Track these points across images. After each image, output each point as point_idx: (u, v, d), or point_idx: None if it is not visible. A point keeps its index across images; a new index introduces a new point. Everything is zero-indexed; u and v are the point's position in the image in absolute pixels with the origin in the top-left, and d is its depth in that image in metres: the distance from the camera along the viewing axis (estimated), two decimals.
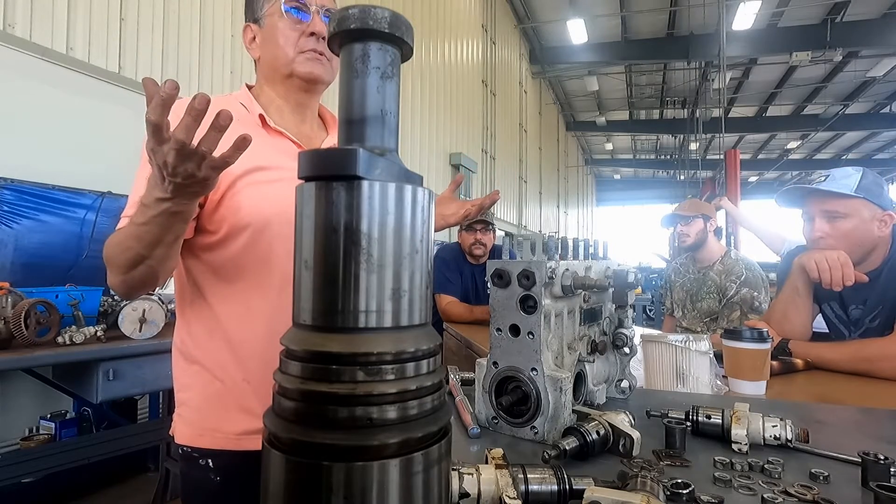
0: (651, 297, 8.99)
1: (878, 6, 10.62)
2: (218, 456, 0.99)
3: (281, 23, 1.02)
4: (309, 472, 0.36)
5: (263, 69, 1.09)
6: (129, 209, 0.93)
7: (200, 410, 1.01)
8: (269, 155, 0.99)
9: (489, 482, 0.55)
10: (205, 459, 1.00)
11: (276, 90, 1.08)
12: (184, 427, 1.02)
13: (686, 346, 1.12)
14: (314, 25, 1.02)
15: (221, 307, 0.99)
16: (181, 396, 1.04)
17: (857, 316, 1.54)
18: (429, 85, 7.95)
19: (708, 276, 2.55)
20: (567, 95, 18.29)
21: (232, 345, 0.99)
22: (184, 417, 1.02)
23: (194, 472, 1.00)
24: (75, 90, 3.09)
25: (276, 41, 1.02)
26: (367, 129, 0.42)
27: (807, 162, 22.90)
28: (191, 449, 1.01)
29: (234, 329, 0.99)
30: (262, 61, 1.08)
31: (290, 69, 1.03)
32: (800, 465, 0.67)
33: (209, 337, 1.00)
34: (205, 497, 1.02)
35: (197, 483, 1.01)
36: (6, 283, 2.20)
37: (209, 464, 0.99)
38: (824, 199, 1.49)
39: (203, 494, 1.02)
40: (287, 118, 1.08)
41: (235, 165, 0.81)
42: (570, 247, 0.88)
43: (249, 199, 0.95)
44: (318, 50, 1.03)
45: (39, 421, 2.76)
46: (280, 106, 1.08)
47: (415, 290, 0.41)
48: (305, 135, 1.10)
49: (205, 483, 1.00)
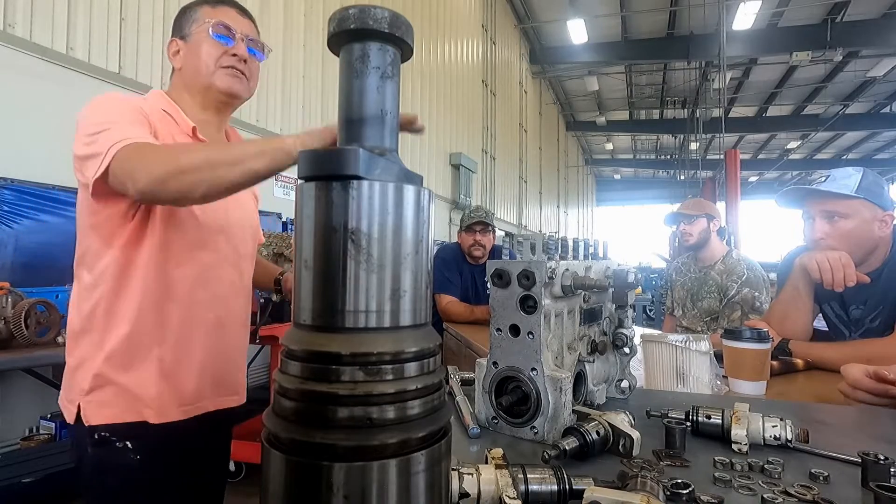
0: (651, 297, 8.99)
1: (878, 6, 10.62)
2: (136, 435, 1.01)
3: (206, 42, 1.12)
4: (309, 472, 0.36)
5: (185, 79, 1.17)
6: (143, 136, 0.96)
7: (119, 388, 1.02)
8: None
9: (489, 482, 0.55)
10: (122, 441, 1.01)
11: (195, 99, 1.17)
12: (99, 408, 1.02)
13: (686, 346, 1.12)
14: (237, 49, 1.14)
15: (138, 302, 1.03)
16: (95, 381, 1.03)
17: (857, 316, 1.54)
18: (429, 85, 7.96)
19: (709, 276, 2.55)
20: (567, 95, 18.30)
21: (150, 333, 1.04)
22: (98, 399, 1.02)
23: (111, 455, 1.01)
24: (75, 90, 3.09)
25: (199, 55, 1.13)
26: (367, 129, 0.42)
27: (807, 162, 22.91)
28: (109, 430, 1.01)
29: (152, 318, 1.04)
30: (184, 72, 1.16)
31: (209, 81, 1.13)
32: (800, 466, 0.67)
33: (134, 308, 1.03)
34: (123, 477, 1.02)
35: (113, 466, 1.01)
36: (6, 283, 2.20)
37: (127, 445, 1.01)
38: (825, 200, 1.49)
39: (120, 475, 1.02)
40: (206, 125, 1.17)
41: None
42: (570, 247, 0.88)
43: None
44: (237, 67, 1.14)
45: (39, 421, 2.76)
46: (196, 113, 1.16)
47: (414, 290, 0.41)
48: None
49: (123, 464, 1.00)
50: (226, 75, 1.13)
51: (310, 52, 5.22)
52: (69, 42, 3.05)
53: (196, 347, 1.10)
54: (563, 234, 19.22)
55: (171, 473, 1.07)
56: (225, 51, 1.13)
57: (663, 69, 15.27)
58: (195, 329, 1.10)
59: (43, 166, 2.85)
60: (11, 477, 2.24)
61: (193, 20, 1.15)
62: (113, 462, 1.02)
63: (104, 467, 1.03)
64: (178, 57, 1.16)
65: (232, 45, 1.14)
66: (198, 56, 1.12)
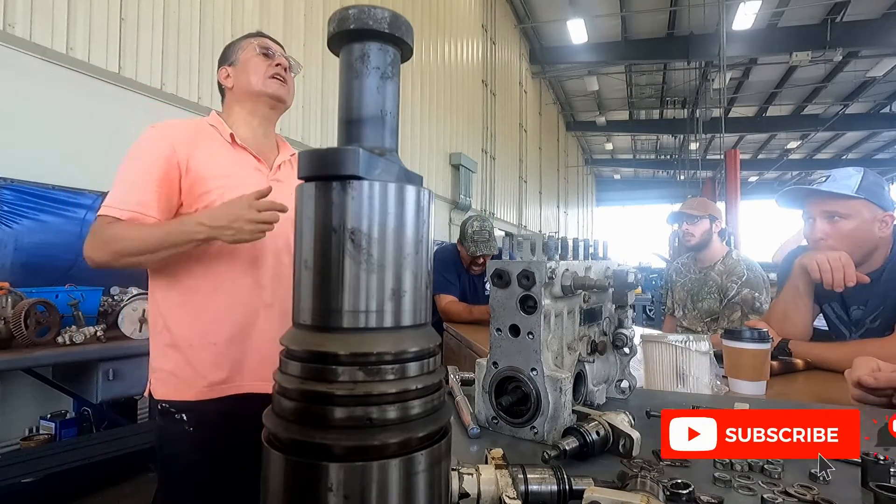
0: (651, 297, 8.98)
1: (878, 6, 10.61)
2: (191, 409, 1.24)
3: (254, 59, 1.37)
4: (309, 471, 0.36)
5: (236, 94, 1.39)
6: (129, 203, 1.19)
7: (175, 371, 1.25)
8: (234, 166, 1.31)
9: (489, 482, 0.55)
10: (180, 414, 1.24)
11: (245, 108, 1.39)
12: (160, 385, 1.26)
13: (686, 346, 1.12)
14: (278, 60, 1.39)
15: (191, 282, 1.26)
16: (156, 364, 1.27)
17: (857, 316, 1.53)
18: (429, 85, 7.95)
19: (709, 276, 2.55)
20: (567, 95, 18.29)
21: (199, 313, 1.25)
22: (160, 378, 1.26)
23: (171, 426, 1.24)
24: (76, 90, 3.09)
25: (249, 70, 1.36)
26: (367, 130, 0.42)
27: (807, 162, 22.89)
28: (168, 403, 1.24)
29: (202, 300, 1.26)
30: (236, 88, 1.39)
31: (260, 89, 1.36)
32: (800, 466, 0.67)
33: (179, 310, 1.26)
34: (180, 445, 1.25)
35: (173, 434, 1.24)
36: (6, 283, 2.20)
37: (183, 417, 1.24)
38: (825, 200, 1.49)
39: (179, 443, 1.24)
40: (254, 131, 1.39)
41: (205, 170, 1.25)
42: (569, 247, 0.88)
43: (219, 199, 1.23)
44: (281, 75, 1.38)
45: (39, 421, 2.76)
46: (249, 121, 1.39)
47: (414, 290, 0.41)
48: (264, 151, 1.40)
49: (181, 434, 1.23)
50: (273, 82, 1.36)
51: (310, 52, 5.21)
52: (69, 42, 3.04)
53: (222, 334, 1.27)
54: (563, 234, 19.20)
55: (215, 444, 1.27)
56: (269, 63, 1.37)
57: (663, 69, 15.26)
58: (224, 318, 1.27)
59: (43, 166, 2.85)
60: (11, 477, 2.24)
61: (239, 48, 1.40)
62: (172, 430, 1.26)
63: (164, 433, 1.29)
64: (230, 79, 1.39)
65: (275, 59, 1.38)
66: (247, 71, 1.36)
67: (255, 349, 1.29)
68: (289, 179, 1.42)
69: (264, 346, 1.30)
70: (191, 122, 1.34)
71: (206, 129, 1.33)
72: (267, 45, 1.39)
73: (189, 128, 1.30)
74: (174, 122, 1.31)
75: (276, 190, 1.34)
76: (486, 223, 2.93)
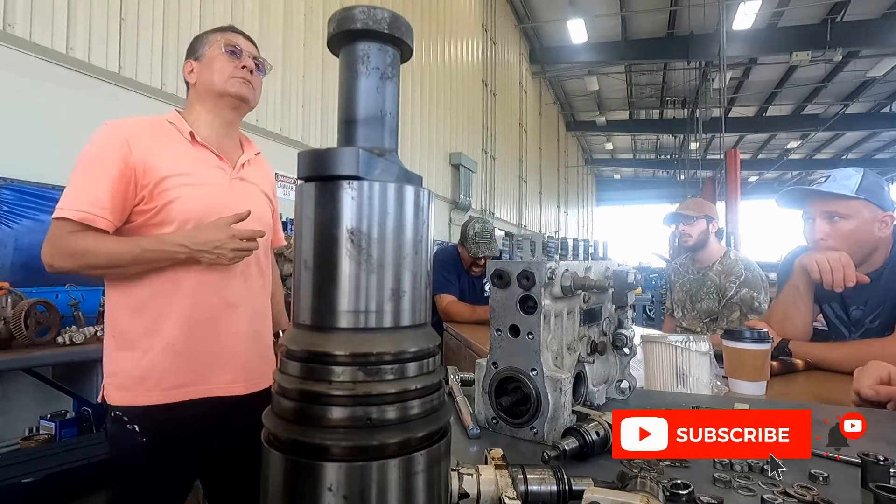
0: (651, 297, 8.98)
1: (878, 6, 10.61)
2: (146, 415, 1.18)
3: (219, 57, 1.31)
4: (308, 472, 0.36)
5: (199, 91, 1.34)
6: (81, 203, 1.15)
7: (131, 376, 1.19)
8: (194, 165, 1.26)
9: (489, 482, 0.55)
10: (132, 424, 1.18)
11: (206, 107, 1.34)
12: (114, 391, 1.20)
13: (686, 347, 1.11)
14: (245, 62, 1.34)
15: (149, 280, 1.21)
16: (112, 368, 1.22)
17: (857, 316, 1.53)
18: (429, 85, 7.95)
19: (707, 277, 2.55)
20: (567, 95, 18.29)
21: (157, 313, 1.21)
22: (115, 383, 1.21)
23: (122, 435, 1.19)
24: (75, 90, 3.09)
25: (213, 69, 1.31)
26: (367, 130, 0.42)
27: (807, 162, 22.90)
28: (122, 411, 1.18)
29: (161, 299, 1.21)
30: (199, 85, 1.34)
31: (223, 88, 1.31)
32: (799, 466, 0.67)
33: (137, 309, 1.21)
34: (132, 457, 1.20)
35: (125, 445, 1.19)
36: (6, 283, 2.20)
37: (136, 428, 1.18)
38: (825, 200, 1.49)
39: (131, 454, 1.20)
40: (215, 131, 1.34)
41: (163, 169, 1.20)
42: (569, 247, 0.88)
43: (178, 198, 1.20)
44: (246, 77, 1.33)
45: (39, 421, 2.76)
46: (210, 121, 1.34)
47: (414, 290, 0.41)
48: (227, 150, 1.36)
49: (133, 445, 1.18)
50: (236, 82, 1.31)
51: (310, 52, 5.21)
52: (69, 42, 3.04)
53: (181, 335, 1.21)
54: (563, 234, 19.22)
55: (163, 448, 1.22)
56: (235, 64, 1.32)
57: (663, 69, 15.27)
58: (183, 319, 1.22)
59: (43, 166, 2.85)
60: (11, 477, 2.24)
61: (206, 43, 1.34)
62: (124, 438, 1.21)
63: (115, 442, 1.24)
64: (193, 74, 1.35)
65: (241, 59, 1.33)
66: (211, 69, 1.31)
67: (218, 351, 1.24)
68: (253, 178, 1.40)
69: (227, 348, 1.25)
70: (149, 119, 1.29)
71: (164, 126, 1.28)
72: (234, 43, 1.33)
73: (146, 125, 1.26)
74: (130, 119, 1.27)
75: (239, 189, 1.34)
76: (488, 225, 2.95)
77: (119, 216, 1.18)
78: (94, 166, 1.18)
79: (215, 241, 1.16)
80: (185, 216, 1.21)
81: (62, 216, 1.14)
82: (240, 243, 1.18)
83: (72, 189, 1.18)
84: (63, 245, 1.14)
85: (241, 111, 1.38)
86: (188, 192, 1.22)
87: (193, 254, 1.16)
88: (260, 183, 1.43)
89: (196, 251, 1.16)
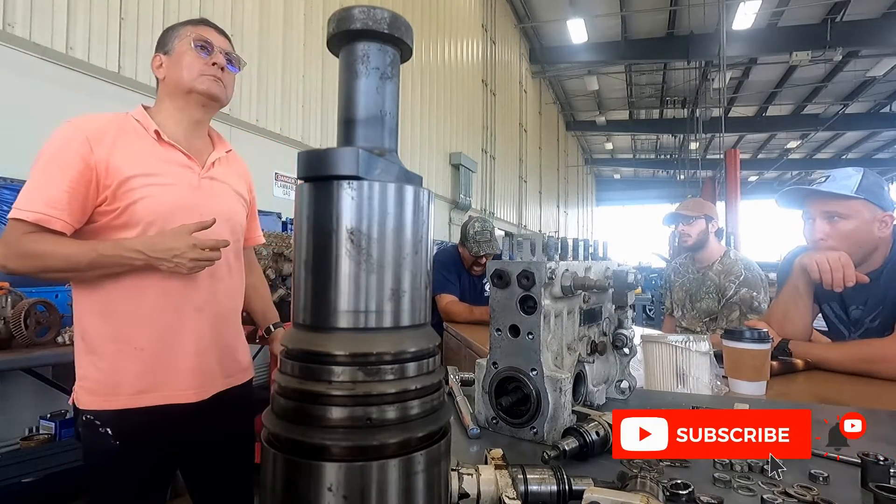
0: (651, 297, 8.99)
1: (878, 6, 10.61)
2: (116, 420, 1.16)
3: (189, 53, 1.25)
4: (308, 472, 0.36)
5: (167, 87, 1.29)
6: (38, 204, 1.10)
7: (99, 380, 1.17)
8: (160, 164, 1.21)
9: (489, 482, 0.55)
10: (104, 427, 1.16)
11: (175, 104, 1.29)
12: (84, 395, 1.18)
13: (686, 347, 1.11)
14: (216, 58, 1.28)
15: (115, 283, 1.17)
16: (81, 372, 1.19)
17: (857, 316, 1.53)
18: (429, 85, 7.95)
19: (707, 276, 2.55)
20: (567, 95, 18.29)
21: (124, 316, 1.17)
22: (85, 387, 1.18)
23: (95, 439, 1.16)
24: (75, 90, 3.09)
25: (182, 65, 1.25)
26: (367, 130, 0.42)
27: (807, 162, 22.90)
28: (93, 415, 1.16)
29: (127, 302, 1.17)
30: (168, 80, 1.28)
31: (192, 86, 1.25)
32: (799, 466, 0.67)
33: (104, 313, 1.18)
34: (105, 461, 1.18)
35: (98, 449, 1.17)
36: (6, 283, 2.20)
37: (108, 431, 1.16)
38: (825, 200, 1.49)
39: (104, 458, 1.17)
40: (183, 129, 1.29)
41: (127, 169, 1.15)
42: (569, 247, 0.88)
43: (143, 198, 1.16)
44: (216, 74, 1.27)
45: (39, 421, 2.76)
46: (178, 119, 1.29)
47: (414, 290, 0.41)
48: (196, 148, 1.31)
49: (106, 449, 1.16)
50: (207, 80, 1.26)
51: (310, 51, 5.21)
52: (69, 42, 3.04)
53: (148, 339, 1.19)
54: (563, 234, 19.22)
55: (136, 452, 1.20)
56: (205, 61, 1.26)
57: (663, 69, 15.27)
58: (150, 322, 1.19)
59: None
60: (11, 477, 2.24)
61: (176, 36, 1.28)
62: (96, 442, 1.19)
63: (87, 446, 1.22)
64: (161, 69, 1.30)
65: (211, 56, 1.28)
66: (180, 66, 1.25)
67: (185, 354, 1.21)
68: (224, 177, 1.35)
69: (187, 354, 1.22)
70: (113, 115, 1.23)
71: (129, 123, 1.22)
72: (204, 38, 1.27)
73: (109, 122, 1.20)
74: (93, 116, 1.21)
75: (208, 188, 1.28)
76: (488, 224, 2.96)
77: (78, 217, 1.13)
78: (52, 165, 1.12)
79: (174, 249, 1.11)
80: (150, 217, 1.16)
81: (17, 217, 1.09)
82: (200, 253, 1.12)
83: (28, 189, 1.12)
84: (17, 247, 1.09)
85: (212, 109, 1.33)
86: (153, 192, 1.17)
87: (151, 261, 1.11)
88: (232, 182, 1.37)
89: (154, 258, 1.11)
